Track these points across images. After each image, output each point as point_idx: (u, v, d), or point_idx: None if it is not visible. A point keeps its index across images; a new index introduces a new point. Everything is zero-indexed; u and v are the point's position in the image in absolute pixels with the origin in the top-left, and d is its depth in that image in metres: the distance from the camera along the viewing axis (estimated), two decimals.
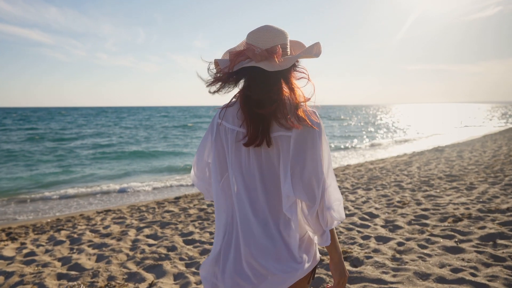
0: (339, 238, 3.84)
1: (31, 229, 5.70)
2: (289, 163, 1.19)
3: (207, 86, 1.24)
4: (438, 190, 5.80)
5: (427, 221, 4.15)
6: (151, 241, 4.21)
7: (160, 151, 16.41)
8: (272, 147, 1.21)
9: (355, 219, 4.50)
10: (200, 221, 5.03)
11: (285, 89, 1.23)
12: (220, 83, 1.23)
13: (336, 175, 8.84)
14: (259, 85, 1.20)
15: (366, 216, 4.59)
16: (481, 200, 4.90)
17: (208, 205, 6.23)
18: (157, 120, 49.91)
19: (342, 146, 19.29)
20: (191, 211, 5.76)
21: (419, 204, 5.00)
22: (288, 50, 1.26)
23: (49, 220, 6.43)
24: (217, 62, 1.25)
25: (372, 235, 3.81)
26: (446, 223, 4.02)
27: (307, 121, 1.19)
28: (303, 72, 1.26)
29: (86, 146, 19.12)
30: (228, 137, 1.26)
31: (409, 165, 9.25)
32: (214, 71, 1.26)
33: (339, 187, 6.97)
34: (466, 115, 55.42)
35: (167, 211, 6.07)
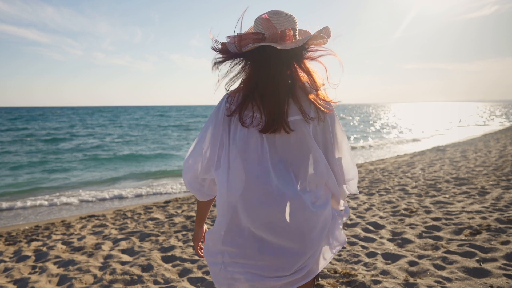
0: (340, 255, 3.33)
1: (4, 238, 5.18)
2: (313, 146, 1.18)
3: (215, 62, 1.20)
4: (447, 196, 5.30)
5: (440, 234, 3.65)
6: (125, 258, 3.68)
7: (153, 154, 15.78)
8: (292, 132, 1.16)
9: (358, 230, 3.99)
10: (184, 232, 4.51)
11: (302, 74, 1.19)
12: (227, 60, 1.19)
13: None
14: (271, 67, 1.14)
15: (370, 227, 4.08)
16: (497, 207, 4.40)
17: None
18: (152, 120, 49.30)
19: None
20: (177, 219, 5.24)
21: (428, 212, 4.49)
22: (297, 35, 1.21)
23: (26, 227, 5.93)
24: (224, 45, 1.18)
25: (379, 252, 3.30)
26: (462, 236, 3.52)
27: (329, 104, 1.22)
28: (322, 50, 1.21)
29: (77, 147, 18.50)
30: (238, 122, 1.19)
31: (411, 166, 8.75)
32: (219, 45, 1.19)
33: None
34: (465, 114, 55.10)
35: (152, 219, 5.56)
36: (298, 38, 1.21)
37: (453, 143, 16.47)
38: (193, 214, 5.60)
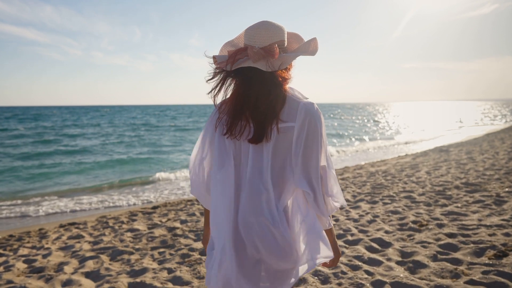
0: (341, 283, 2.77)
1: None
2: (291, 153, 1.23)
3: (207, 81, 1.27)
4: (459, 205, 4.75)
5: (458, 255, 3.09)
6: (86, 284, 3.12)
7: (145, 157, 15.07)
8: (272, 139, 1.22)
9: (361, 249, 3.43)
10: (162, 249, 3.95)
11: (284, 85, 1.25)
12: (219, 80, 1.26)
13: None
14: (256, 83, 1.21)
15: (375, 245, 3.53)
16: None
17: (182, 222, 5.18)
18: (150, 120, 48.70)
19: (339, 145, 18.25)
20: (158, 232, 4.68)
21: (440, 226, 3.94)
22: (286, 44, 1.28)
23: None
24: (215, 59, 1.26)
25: (387, 280, 2.74)
26: (485, 259, 2.96)
27: (305, 113, 1.22)
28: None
29: (68, 150, 17.82)
30: (225, 133, 1.27)
31: (416, 169, 8.20)
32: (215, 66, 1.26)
33: None
34: (468, 113, 54.62)
35: (132, 230, 5.01)
36: (286, 45, 1.27)
37: (456, 143, 15.95)
38: (178, 225, 5.06)
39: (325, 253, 1.25)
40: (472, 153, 10.54)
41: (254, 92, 1.20)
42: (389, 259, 3.15)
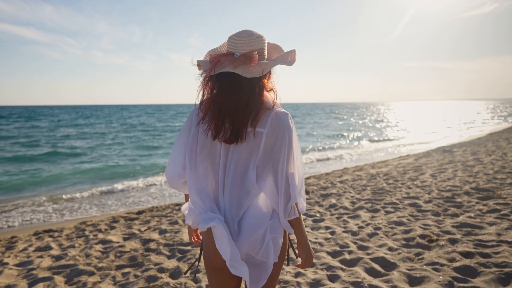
0: None
1: None
2: (257, 158, 1.30)
3: (199, 92, 1.36)
4: (472, 214, 4.18)
5: (479, 283, 2.52)
6: None
7: (136, 161, 14.38)
8: (244, 142, 1.30)
9: (361, 272, 2.86)
10: (128, 269, 3.38)
11: (263, 92, 1.31)
12: (203, 85, 1.35)
13: (332, 183, 7.23)
14: (235, 88, 1.27)
15: (377, 267, 2.96)
16: None
17: (161, 232, 4.64)
18: (148, 120, 48.16)
19: (339, 146, 17.70)
20: (130, 245, 4.13)
21: (453, 241, 3.37)
22: (266, 54, 1.36)
23: None
24: (199, 64, 1.33)
25: None
26: None
27: (276, 121, 1.29)
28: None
29: (59, 152, 17.27)
30: (203, 132, 1.35)
31: (419, 172, 7.64)
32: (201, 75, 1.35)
33: (335, 204, 5.38)
34: (468, 113, 54.04)
35: (103, 241, 4.48)
36: (266, 56, 1.35)
37: (459, 143, 15.39)
38: (155, 235, 4.51)
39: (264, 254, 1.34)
40: (478, 154, 9.98)
41: (234, 96, 1.27)
42: (394, 287, 2.58)
